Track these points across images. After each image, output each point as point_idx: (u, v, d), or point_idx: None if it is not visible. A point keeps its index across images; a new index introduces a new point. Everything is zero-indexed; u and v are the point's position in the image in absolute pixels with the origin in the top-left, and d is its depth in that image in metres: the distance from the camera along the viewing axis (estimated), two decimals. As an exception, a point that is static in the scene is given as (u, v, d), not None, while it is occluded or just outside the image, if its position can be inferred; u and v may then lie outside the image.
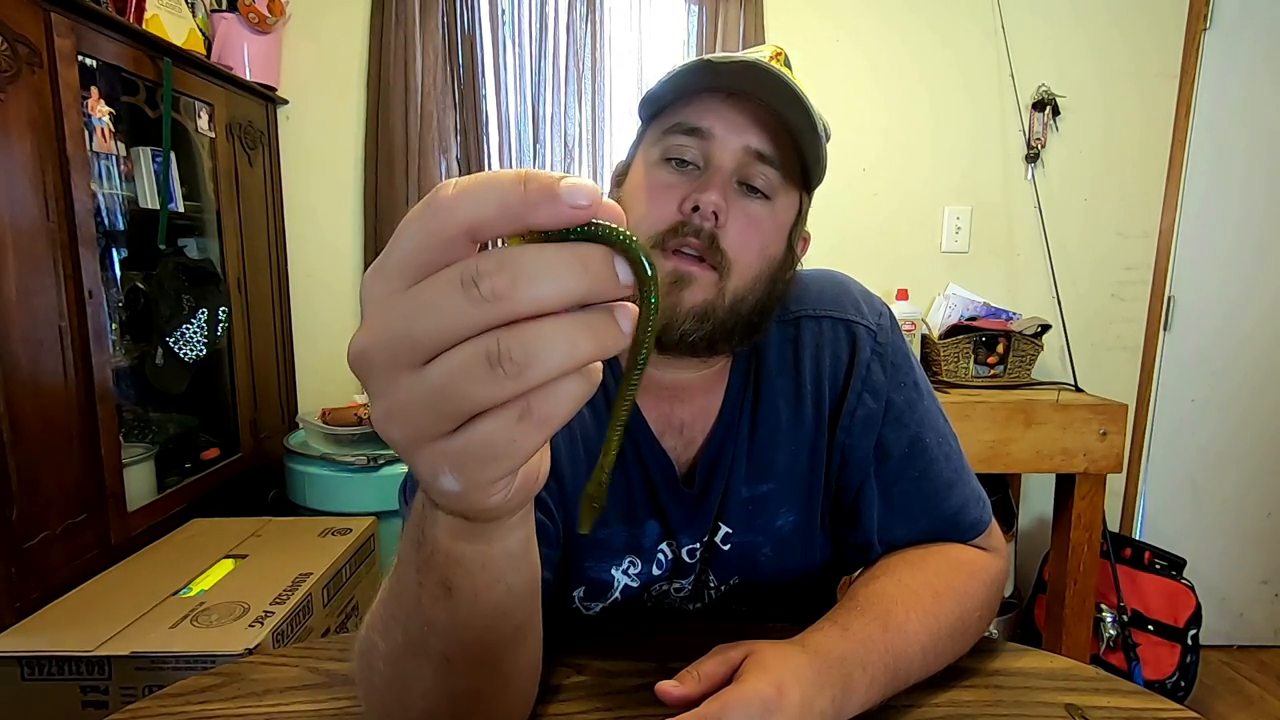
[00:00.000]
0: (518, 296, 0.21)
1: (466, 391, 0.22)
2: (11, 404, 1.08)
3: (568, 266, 0.22)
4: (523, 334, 0.21)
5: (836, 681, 0.47)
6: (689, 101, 0.57)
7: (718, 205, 0.54)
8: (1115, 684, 0.57)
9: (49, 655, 1.01)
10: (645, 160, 0.60)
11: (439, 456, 0.24)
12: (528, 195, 0.21)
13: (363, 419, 1.68)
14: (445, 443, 0.23)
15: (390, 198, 1.88)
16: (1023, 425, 1.60)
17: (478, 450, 0.23)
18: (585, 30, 1.88)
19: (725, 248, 0.55)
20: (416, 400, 0.22)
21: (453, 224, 0.21)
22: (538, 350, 0.21)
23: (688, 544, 0.65)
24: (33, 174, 1.13)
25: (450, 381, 0.22)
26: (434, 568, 0.32)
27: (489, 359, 0.21)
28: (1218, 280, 2.04)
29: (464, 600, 0.33)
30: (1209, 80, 1.96)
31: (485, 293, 0.21)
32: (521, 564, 0.34)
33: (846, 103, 1.93)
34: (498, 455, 0.23)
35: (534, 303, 0.21)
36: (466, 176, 0.22)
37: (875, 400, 0.64)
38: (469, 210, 0.21)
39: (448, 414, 0.22)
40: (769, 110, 0.56)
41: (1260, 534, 2.11)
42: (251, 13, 1.70)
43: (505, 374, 0.21)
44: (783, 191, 0.58)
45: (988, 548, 0.65)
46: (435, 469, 0.24)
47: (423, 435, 0.23)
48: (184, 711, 0.52)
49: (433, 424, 0.23)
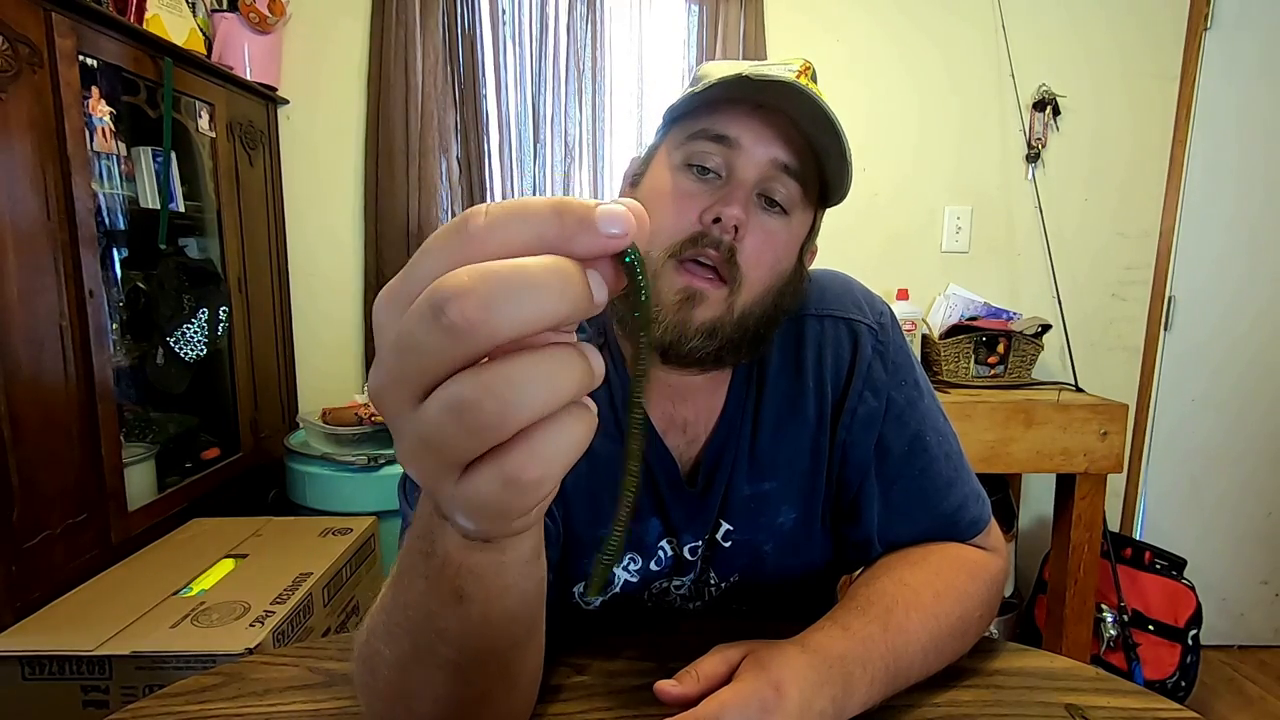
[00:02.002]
0: (492, 323, 0.19)
1: (449, 443, 0.20)
2: (12, 403, 1.08)
3: (546, 283, 0.20)
4: (493, 380, 0.19)
5: (836, 681, 0.47)
6: (716, 108, 0.56)
7: (739, 219, 0.53)
8: (1115, 684, 0.57)
9: (49, 655, 1.01)
10: (667, 164, 0.58)
11: (449, 501, 0.23)
12: (564, 228, 0.20)
13: (363, 419, 1.68)
14: (454, 488, 0.22)
15: (390, 197, 1.88)
16: (1023, 425, 1.60)
17: (480, 502, 0.22)
18: (585, 30, 1.88)
19: (740, 262, 0.55)
20: (418, 444, 0.21)
21: (482, 257, 0.20)
22: (511, 397, 0.19)
23: (689, 542, 0.65)
24: (33, 174, 1.13)
25: (437, 429, 0.20)
26: (445, 578, 0.31)
27: (459, 409, 0.19)
28: (1218, 280, 2.04)
29: (476, 607, 0.32)
30: (1209, 80, 1.96)
31: (455, 319, 0.19)
32: (533, 568, 0.33)
33: (846, 103, 1.93)
34: (502, 511, 0.22)
35: (511, 329, 0.19)
36: (498, 204, 0.21)
37: (876, 398, 0.64)
38: (500, 241, 0.20)
39: (447, 461, 0.21)
40: (796, 127, 0.55)
41: (1261, 534, 2.11)
42: (252, 12, 1.71)
43: (480, 427, 0.19)
44: (800, 207, 0.58)
45: (987, 547, 0.65)
46: (450, 510, 0.23)
47: (431, 478, 0.22)
48: (184, 711, 0.52)
49: (437, 468, 0.21)
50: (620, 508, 0.25)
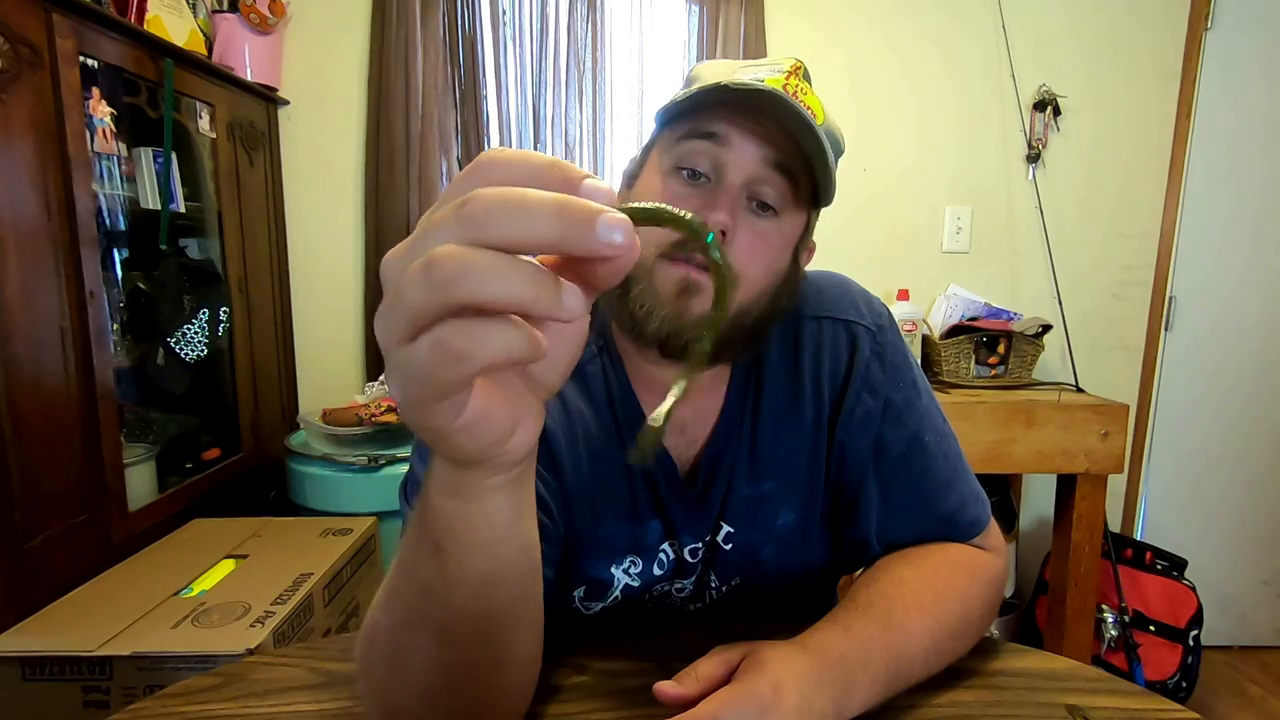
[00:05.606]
0: (491, 223, 0.22)
1: (404, 299, 0.23)
2: (13, 404, 1.08)
3: (548, 203, 0.22)
4: (464, 257, 0.22)
5: (837, 682, 0.47)
6: (706, 108, 0.57)
7: (725, 225, 0.54)
8: (1116, 685, 0.57)
9: (50, 655, 1.01)
10: (658, 167, 0.59)
11: (392, 367, 0.25)
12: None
13: (363, 419, 1.68)
14: (396, 352, 0.25)
15: (391, 198, 1.88)
16: (1024, 425, 1.60)
17: (406, 366, 0.25)
18: (586, 30, 1.88)
19: (731, 263, 0.55)
20: (384, 308, 0.24)
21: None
22: (468, 267, 0.22)
23: (690, 544, 0.65)
24: (34, 175, 1.13)
25: (400, 288, 0.23)
26: (428, 532, 0.35)
27: (424, 266, 0.22)
28: (1219, 280, 2.04)
29: (452, 560, 0.35)
30: (1210, 80, 1.96)
31: (465, 214, 0.22)
32: (506, 535, 0.36)
33: (846, 103, 1.93)
34: (422, 377, 0.24)
35: (505, 236, 0.22)
36: (501, 173, 0.24)
37: (874, 399, 0.64)
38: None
39: (397, 323, 0.24)
40: (784, 128, 0.55)
41: (1262, 534, 2.10)
42: (252, 13, 1.71)
43: (433, 282, 0.22)
44: (791, 207, 0.58)
45: (987, 547, 0.65)
46: (392, 375, 0.26)
47: (388, 339, 0.25)
48: (185, 711, 0.52)
49: (395, 330, 0.24)
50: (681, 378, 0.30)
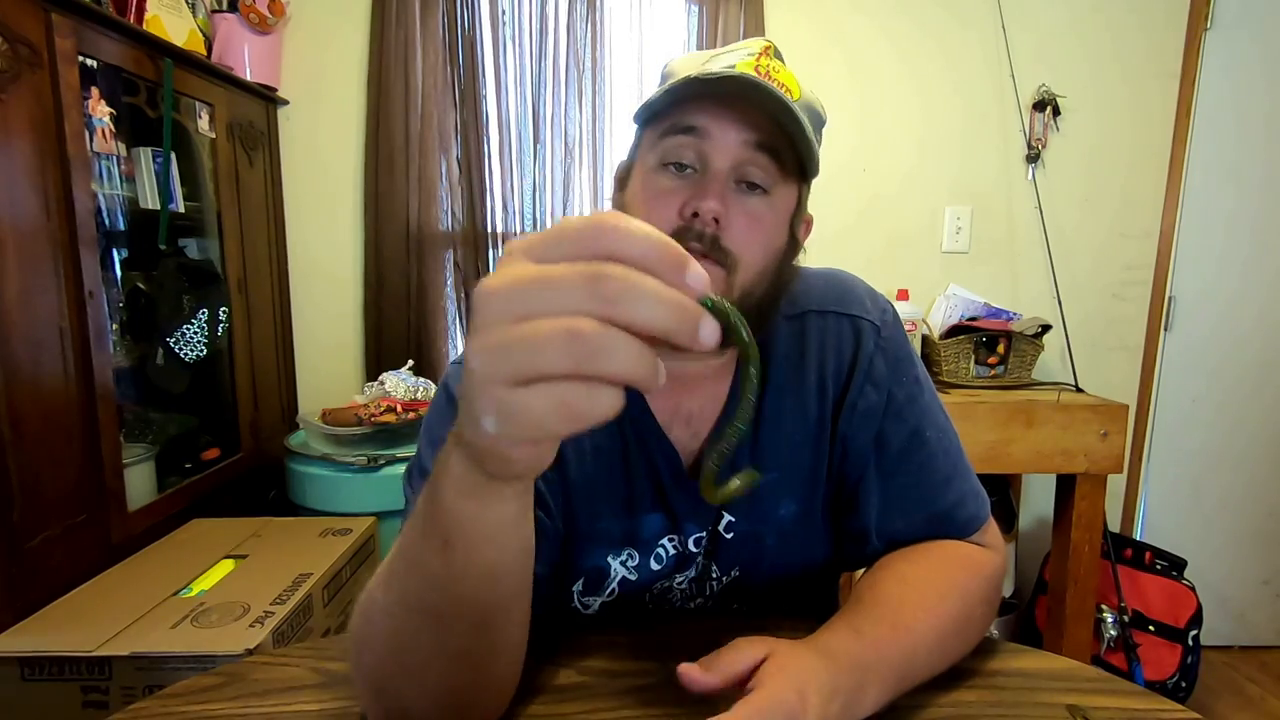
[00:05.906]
0: (624, 305, 0.26)
1: (539, 354, 0.26)
2: (12, 404, 1.08)
3: (670, 302, 0.26)
4: (606, 338, 0.26)
5: (850, 687, 0.47)
6: (683, 103, 0.58)
7: (716, 210, 0.55)
8: (1116, 684, 0.57)
9: (49, 655, 1.01)
10: (644, 166, 0.60)
11: (492, 401, 0.28)
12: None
13: (363, 419, 1.68)
14: (506, 392, 0.27)
15: (390, 198, 1.88)
16: (1023, 425, 1.60)
17: (522, 413, 0.27)
18: (585, 30, 1.88)
19: (729, 247, 0.56)
20: (501, 347, 0.27)
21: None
22: (608, 346, 0.26)
23: (694, 533, 0.65)
24: (33, 174, 1.13)
25: (532, 341, 0.26)
26: (438, 526, 0.37)
27: (569, 334, 0.26)
28: (1218, 280, 2.04)
29: (459, 555, 0.38)
30: (1210, 80, 1.96)
31: (602, 292, 0.26)
32: (513, 532, 0.39)
33: (846, 103, 1.93)
34: (536, 424, 0.27)
35: (632, 320, 0.26)
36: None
37: (877, 393, 0.65)
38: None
39: (520, 369, 0.27)
40: (762, 109, 0.56)
41: (1261, 534, 2.11)
42: (252, 13, 1.71)
43: (575, 352, 0.25)
44: (781, 183, 0.59)
45: (986, 544, 0.65)
46: (487, 409, 0.28)
47: (503, 377, 0.27)
48: (184, 711, 0.52)
49: (514, 373, 0.27)
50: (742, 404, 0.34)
